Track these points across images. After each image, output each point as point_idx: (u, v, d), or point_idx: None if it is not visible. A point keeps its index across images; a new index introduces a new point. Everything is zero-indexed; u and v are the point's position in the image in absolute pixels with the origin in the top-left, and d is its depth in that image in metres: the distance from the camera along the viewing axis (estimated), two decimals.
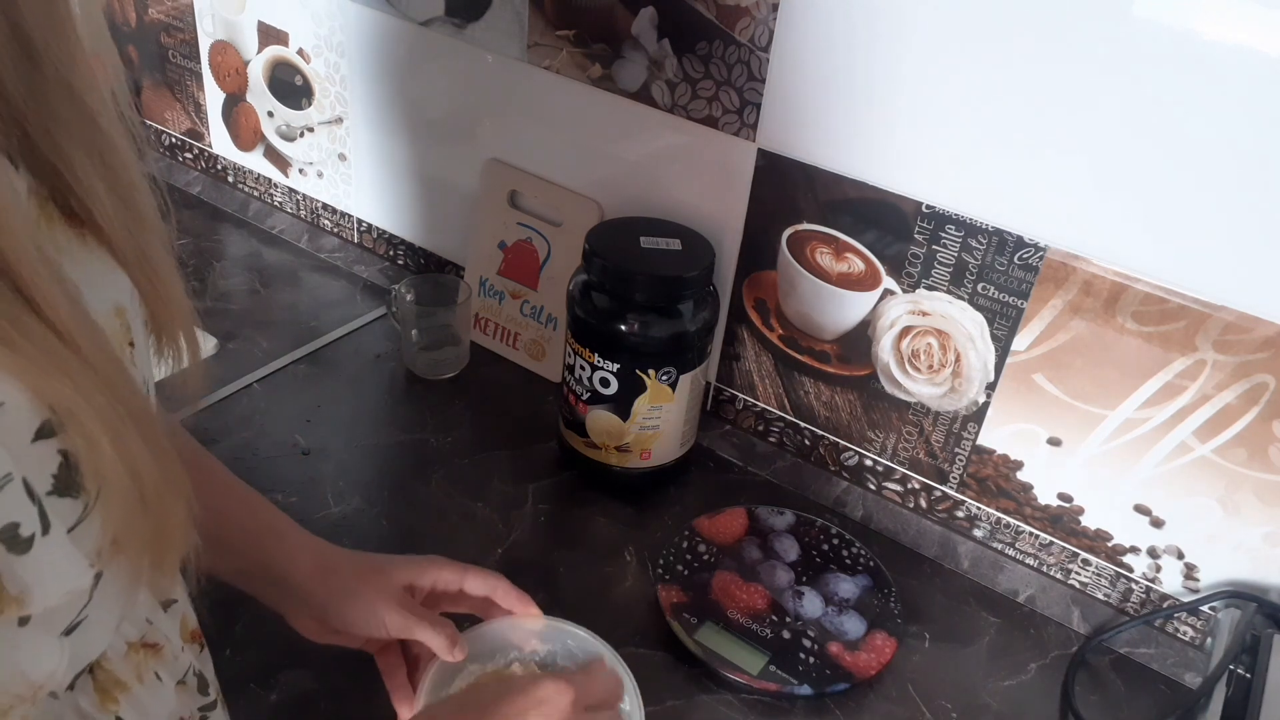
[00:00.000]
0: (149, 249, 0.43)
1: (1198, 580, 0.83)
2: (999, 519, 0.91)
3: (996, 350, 0.84)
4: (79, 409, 0.34)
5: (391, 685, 0.68)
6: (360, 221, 1.26)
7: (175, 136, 1.41)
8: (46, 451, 0.34)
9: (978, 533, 0.92)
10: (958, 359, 0.87)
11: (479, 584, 0.69)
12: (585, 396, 0.91)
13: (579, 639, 0.72)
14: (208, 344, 1.08)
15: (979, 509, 0.91)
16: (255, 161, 1.32)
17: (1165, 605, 0.85)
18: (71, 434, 0.34)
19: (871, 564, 0.89)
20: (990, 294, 0.83)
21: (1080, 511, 0.86)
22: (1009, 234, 0.80)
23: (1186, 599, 0.84)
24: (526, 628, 0.72)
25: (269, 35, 1.21)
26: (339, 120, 1.20)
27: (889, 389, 0.92)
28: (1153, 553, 0.84)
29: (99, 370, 0.36)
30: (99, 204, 0.40)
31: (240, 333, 1.11)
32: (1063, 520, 0.87)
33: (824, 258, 0.90)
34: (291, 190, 1.30)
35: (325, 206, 1.28)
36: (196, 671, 0.52)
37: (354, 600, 0.65)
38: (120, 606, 0.42)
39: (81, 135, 0.39)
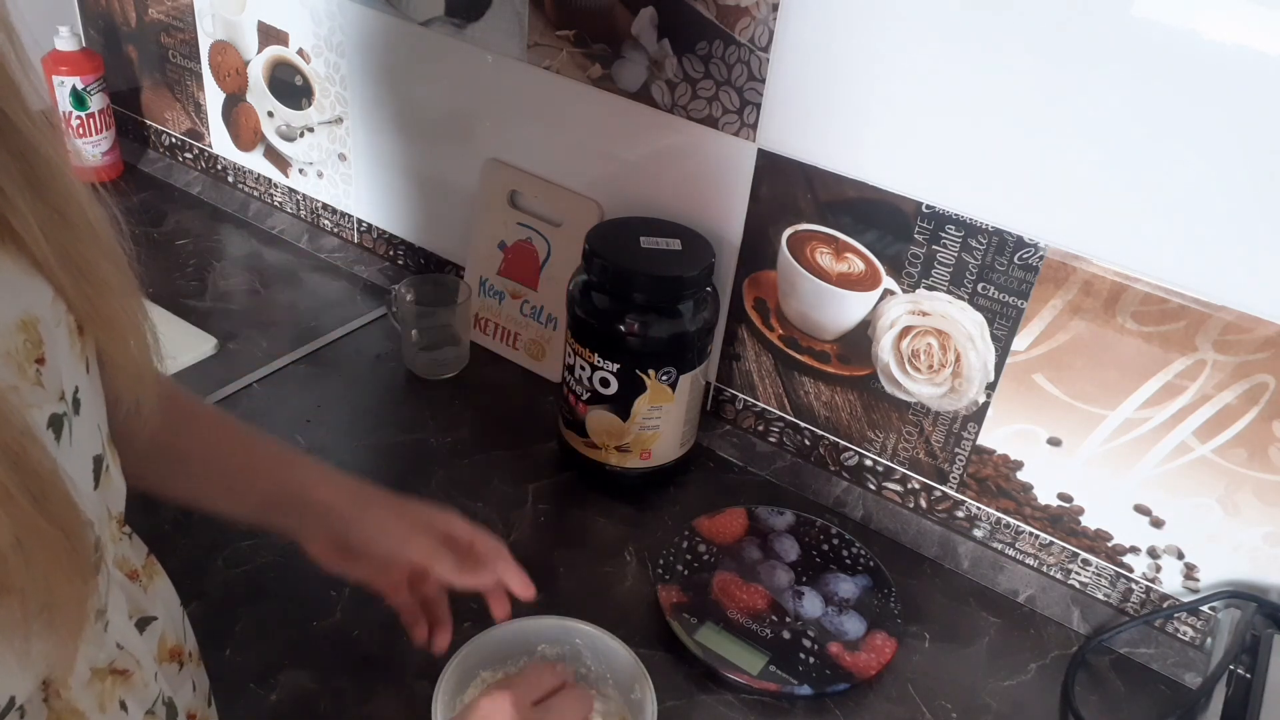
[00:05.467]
0: (79, 256, 0.43)
1: (1198, 580, 0.83)
2: (999, 519, 0.91)
3: (996, 350, 0.84)
4: None
5: (409, 620, 0.69)
6: (360, 221, 1.26)
7: (175, 136, 1.41)
8: None
9: (978, 533, 0.92)
10: (958, 359, 0.87)
11: (486, 546, 0.69)
12: (585, 396, 0.91)
13: (587, 636, 0.72)
14: (207, 344, 1.07)
15: (979, 509, 0.91)
16: (255, 161, 1.32)
17: (1165, 605, 0.85)
18: None
19: (871, 564, 0.89)
20: (990, 294, 0.83)
21: (1080, 511, 0.86)
22: (1009, 234, 0.80)
23: (1186, 599, 0.84)
24: (536, 630, 0.73)
25: (269, 35, 1.21)
26: (339, 120, 1.20)
27: (889, 389, 0.92)
28: (1153, 553, 0.84)
29: None
30: (16, 212, 0.39)
31: (240, 333, 1.11)
32: (1063, 520, 0.87)
33: (824, 258, 0.90)
34: (291, 190, 1.30)
35: (325, 206, 1.28)
36: (167, 699, 0.51)
37: (380, 520, 0.66)
38: (19, 663, 0.39)
39: None
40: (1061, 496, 0.86)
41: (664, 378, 0.88)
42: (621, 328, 0.86)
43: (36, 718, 0.42)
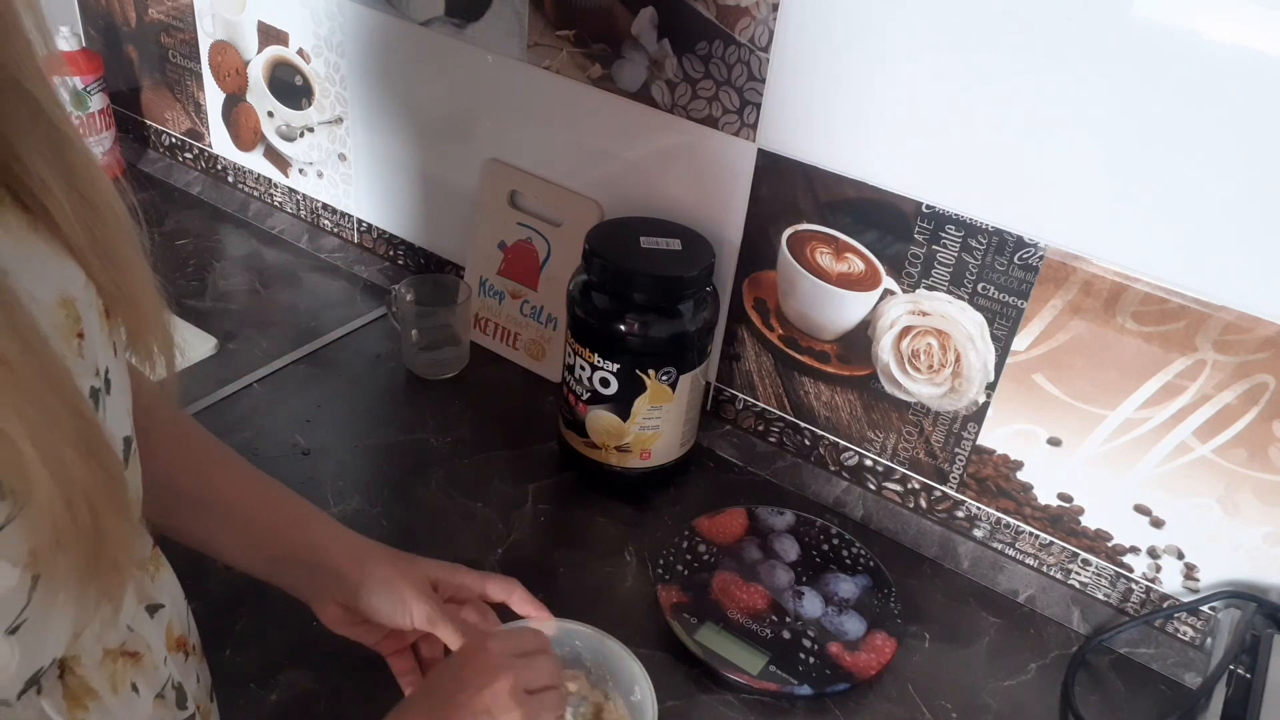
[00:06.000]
0: (108, 242, 0.44)
1: (1198, 580, 0.83)
2: (999, 519, 0.91)
3: (996, 350, 0.84)
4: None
5: (405, 683, 0.70)
6: (360, 221, 1.26)
7: (175, 136, 1.41)
8: None
9: (978, 533, 0.92)
10: (958, 359, 0.87)
11: (498, 589, 0.71)
12: (585, 396, 0.91)
13: (586, 638, 0.72)
14: (207, 344, 1.07)
15: (979, 509, 0.91)
16: (255, 161, 1.32)
17: (1165, 605, 0.85)
18: None
19: (871, 564, 0.89)
20: (990, 294, 0.83)
21: (1080, 511, 0.86)
22: (1009, 234, 0.80)
23: (1186, 599, 0.84)
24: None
25: (269, 35, 1.21)
26: (339, 120, 1.20)
27: (889, 389, 0.92)
28: (1153, 553, 0.84)
29: (29, 377, 0.35)
30: (52, 197, 0.41)
31: (240, 333, 1.11)
32: (1063, 520, 0.87)
33: (824, 258, 0.90)
34: (291, 190, 1.30)
35: (325, 206, 1.28)
36: (176, 684, 0.52)
37: (385, 587, 0.66)
38: (73, 611, 0.41)
39: (33, 131, 0.40)
40: (1061, 496, 0.86)
41: (664, 378, 0.88)
42: (621, 328, 0.86)
43: (53, 694, 0.43)
